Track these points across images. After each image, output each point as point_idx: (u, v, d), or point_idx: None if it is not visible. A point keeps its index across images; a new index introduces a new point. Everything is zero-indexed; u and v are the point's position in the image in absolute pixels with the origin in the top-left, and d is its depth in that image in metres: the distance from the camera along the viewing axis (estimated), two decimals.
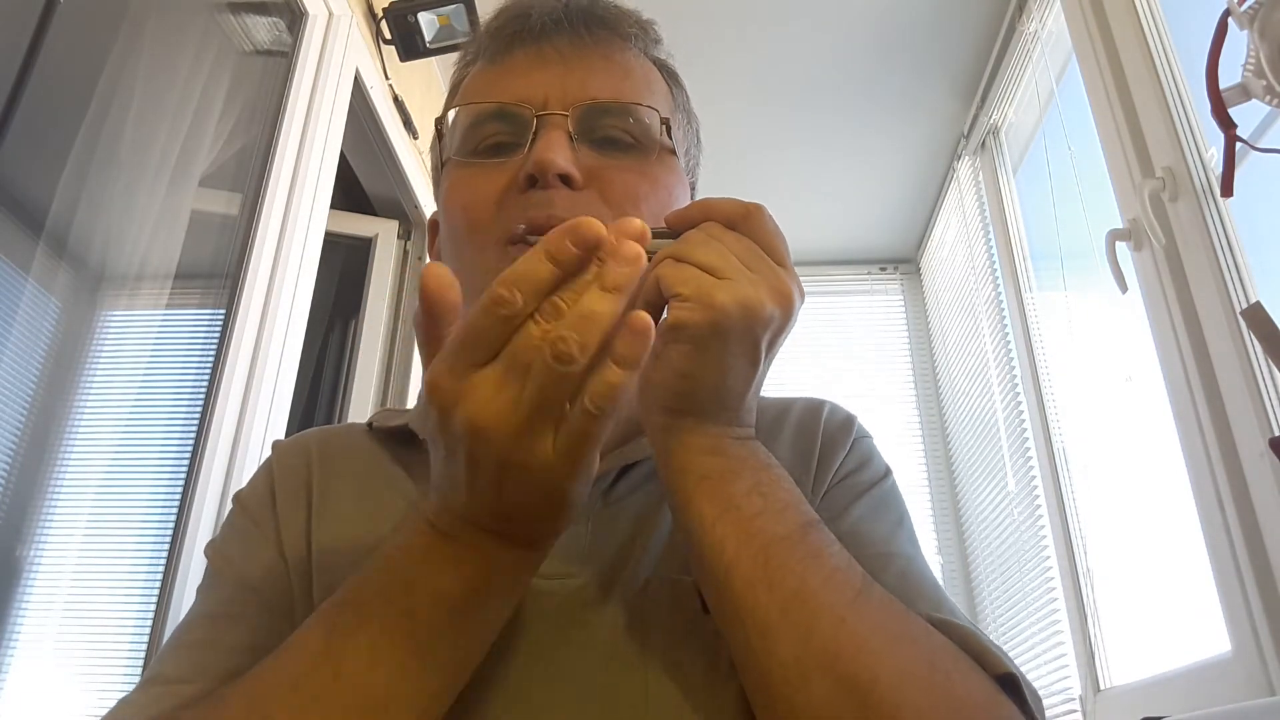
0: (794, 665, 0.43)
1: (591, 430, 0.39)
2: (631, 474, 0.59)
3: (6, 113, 1.01)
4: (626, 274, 0.38)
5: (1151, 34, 1.54)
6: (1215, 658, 1.33)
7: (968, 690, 0.44)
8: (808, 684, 0.43)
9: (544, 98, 0.59)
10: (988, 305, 2.48)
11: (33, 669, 1.10)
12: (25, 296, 1.15)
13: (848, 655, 0.42)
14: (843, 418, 0.66)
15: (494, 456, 0.40)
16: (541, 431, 0.39)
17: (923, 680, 0.43)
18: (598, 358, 0.38)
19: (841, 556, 0.47)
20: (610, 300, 0.38)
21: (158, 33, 1.40)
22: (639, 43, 0.65)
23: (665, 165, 0.61)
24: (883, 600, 0.46)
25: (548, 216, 0.54)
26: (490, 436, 0.39)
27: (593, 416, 0.39)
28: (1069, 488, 1.97)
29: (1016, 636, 2.26)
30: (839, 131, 2.63)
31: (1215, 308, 1.32)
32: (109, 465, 1.28)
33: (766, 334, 0.48)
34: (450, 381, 0.39)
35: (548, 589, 0.53)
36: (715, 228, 0.49)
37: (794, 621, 0.44)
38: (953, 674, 0.44)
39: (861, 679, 0.42)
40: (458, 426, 0.39)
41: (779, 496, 0.48)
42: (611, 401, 0.39)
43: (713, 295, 0.46)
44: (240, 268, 1.45)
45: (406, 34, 1.92)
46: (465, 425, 0.39)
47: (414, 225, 2.32)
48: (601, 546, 0.55)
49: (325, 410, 2.14)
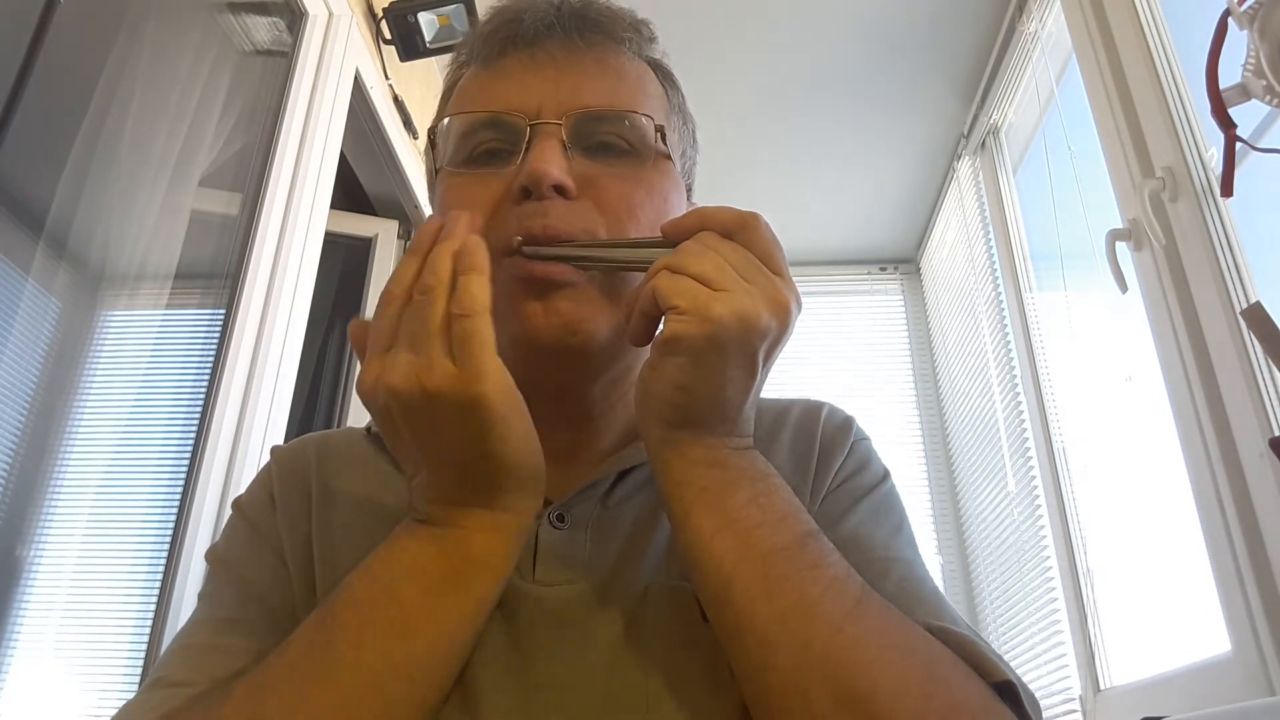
0: (793, 676, 0.43)
1: (470, 329, 0.45)
2: (628, 479, 0.59)
3: (6, 113, 1.01)
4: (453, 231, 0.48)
5: (1151, 34, 1.54)
6: (1215, 658, 1.32)
7: (966, 698, 0.44)
8: (807, 695, 0.43)
9: (537, 105, 0.58)
10: (988, 305, 2.48)
11: (33, 669, 1.10)
12: (25, 296, 1.15)
13: (847, 666, 0.43)
14: (841, 420, 0.66)
15: (417, 408, 0.45)
16: (436, 356, 0.45)
17: (921, 689, 0.43)
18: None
19: (840, 566, 0.47)
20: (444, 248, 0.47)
21: (158, 33, 1.40)
22: (633, 45, 0.64)
23: (661, 171, 0.60)
24: (881, 609, 0.46)
25: (543, 227, 0.54)
26: (407, 392, 0.45)
27: (464, 318, 0.45)
28: (1069, 488, 1.97)
29: (1016, 636, 2.26)
30: (839, 131, 2.63)
31: (1215, 308, 1.32)
32: (109, 466, 1.28)
33: (763, 345, 0.48)
34: (369, 375, 0.47)
35: (547, 595, 0.53)
36: (711, 237, 0.49)
37: (793, 632, 0.44)
38: (951, 682, 0.45)
39: (860, 689, 0.42)
40: (384, 403, 0.46)
41: (777, 507, 0.48)
42: (470, 298, 0.45)
43: (709, 308, 0.46)
44: (240, 268, 1.45)
45: (406, 34, 1.92)
46: (387, 395, 0.46)
47: (414, 225, 2.32)
48: (601, 553, 0.55)
49: (325, 411, 2.14)
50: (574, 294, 0.54)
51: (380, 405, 0.47)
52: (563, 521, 0.56)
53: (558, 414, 0.59)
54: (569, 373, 0.58)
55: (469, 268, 0.46)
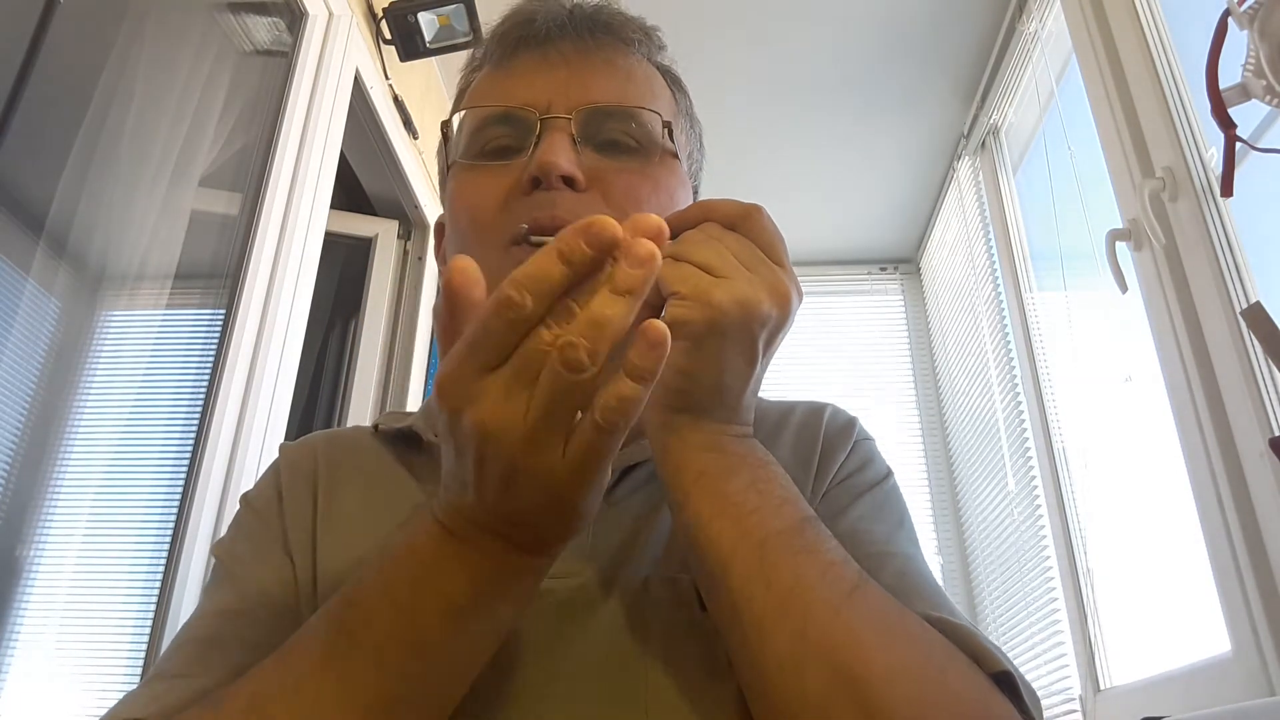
0: (789, 658, 0.43)
1: (601, 443, 0.38)
2: (633, 475, 0.60)
3: (6, 113, 1.01)
4: (639, 276, 0.36)
5: (1151, 34, 1.54)
6: (1215, 658, 1.32)
7: (963, 686, 0.44)
8: (802, 676, 0.43)
9: (548, 101, 0.59)
10: (988, 305, 2.48)
11: (33, 669, 1.10)
12: (25, 296, 1.15)
13: (843, 648, 0.42)
14: (844, 420, 0.66)
15: (502, 461, 0.39)
16: (550, 440, 0.38)
17: (918, 674, 0.43)
18: (610, 365, 0.37)
19: (838, 552, 0.47)
20: (622, 304, 0.36)
21: (158, 33, 1.40)
22: (642, 48, 0.66)
23: (667, 168, 0.62)
24: (879, 596, 0.46)
25: (551, 217, 0.55)
26: (499, 441, 0.38)
27: (603, 430, 0.38)
28: (1069, 488, 1.97)
29: (1016, 636, 2.26)
30: (839, 131, 2.63)
31: (1215, 308, 1.32)
32: (109, 465, 1.28)
33: (764, 332, 0.48)
34: (459, 384, 0.38)
35: (548, 587, 0.53)
36: (714, 228, 0.50)
37: (790, 615, 0.44)
38: (948, 669, 0.44)
39: (856, 671, 0.42)
40: (466, 429, 0.39)
41: (775, 493, 0.48)
42: (623, 415, 0.37)
43: (710, 293, 0.46)
44: (240, 268, 1.45)
45: (406, 34, 1.92)
46: (474, 428, 0.38)
47: (414, 225, 2.32)
48: (602, 546, 0.56)
49: (325, 410, 2.14)
50: None
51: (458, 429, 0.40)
52: None
53: None
54: None
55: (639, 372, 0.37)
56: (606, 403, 0.37)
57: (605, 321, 0.36)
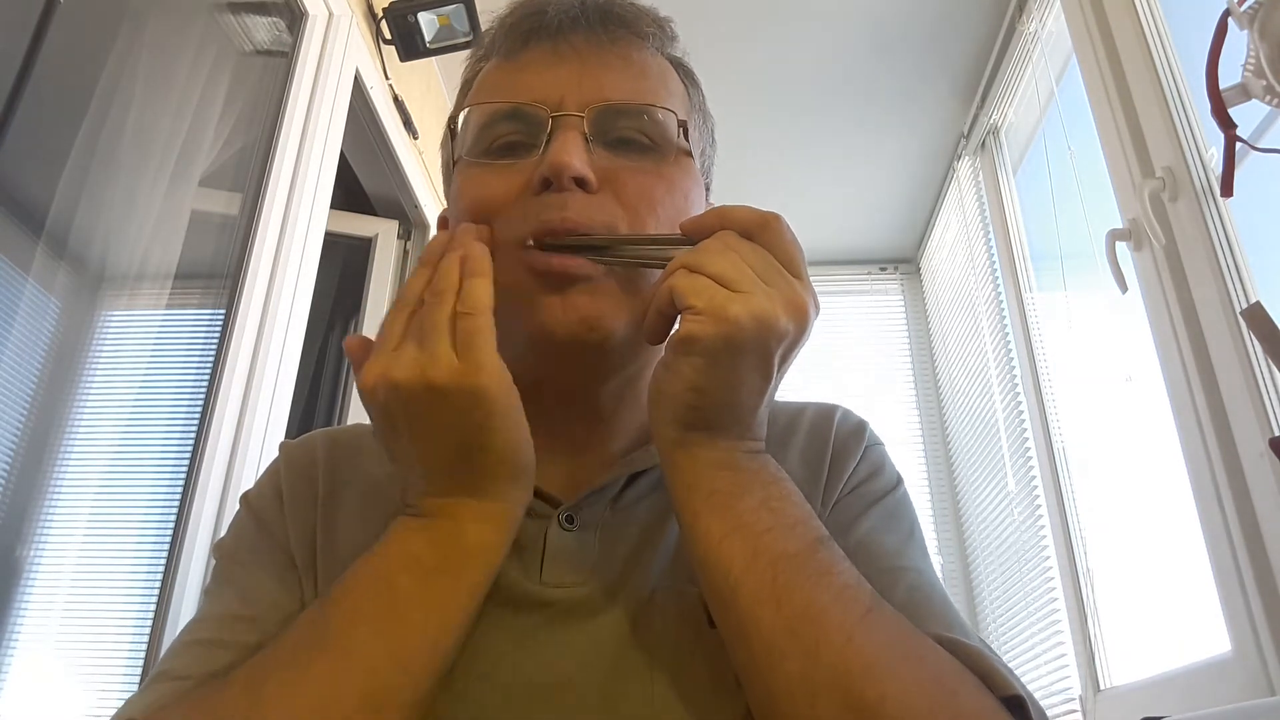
0: (801, 683, 0.43)
1: (473, 326, 0.47)
2: (639, 482, 0.59)
3: (6, 113, 1.01)
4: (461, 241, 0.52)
5: (1151, 34, 1.54)
6: (1215, 658, 1.32)
7: (975, 710, 0.44)
8: (814, 702, 0.42)
9: (559, 98, 0.57)
10: (988, 305, 2.48)
11: (33, 669, 1.10)
12: (25, 296, 1.15)
13: (855, 674, 0.42)
14: (854, 425, 0.65)
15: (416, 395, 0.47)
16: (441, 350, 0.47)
17: (930, 700, 0.43)
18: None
19: (850, 574, 0.46)
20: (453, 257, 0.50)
21: (158, 33, 1.40)
22: (656, 41, 0.63)
23: (681, 167, 0.59)
24: (891, 619, 0.46)
25: (562, 219, 0.53)
26: (403, 380, 0.47)
27: (468, 316, 0.48)
28: (1069, 488, 1.97)
29: (1016, 636, 2.26)
30: (839, 131, 2.63)
31: (1215, 308, 1.32)
32: (109, 465, 1.28)
33: (780, 348, 0.47)
34: (374, 370, 0.48)
35: (554, 597, 0.53)
36: (731, 237, 0.49)
37: (801, 639, 0.43)
38: (960, 694, 0.44)
39: (869, 698, 0.42)
40: (383, 396, 0.48)
41: (788, 512, 0.48)
42: (475, 298, 0.48)
43: (726, 308, 0.45)
44: (240, 268, 1.45)
45: (406, 34, 1.92)
46: (389, 388, 0.47)
47: (414, 225, 2.32)
48: (609, 556, 0.55)
49: (325, 410, 2.14)
50: (592, 289, 0.53)
51: (381, 401, 0.48)
52: (572, 523, 0.56)
53: (570, 413, 0.59)
54: (583, 369, 0.57)
55: (474, 272, 0.49)
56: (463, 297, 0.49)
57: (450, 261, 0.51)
